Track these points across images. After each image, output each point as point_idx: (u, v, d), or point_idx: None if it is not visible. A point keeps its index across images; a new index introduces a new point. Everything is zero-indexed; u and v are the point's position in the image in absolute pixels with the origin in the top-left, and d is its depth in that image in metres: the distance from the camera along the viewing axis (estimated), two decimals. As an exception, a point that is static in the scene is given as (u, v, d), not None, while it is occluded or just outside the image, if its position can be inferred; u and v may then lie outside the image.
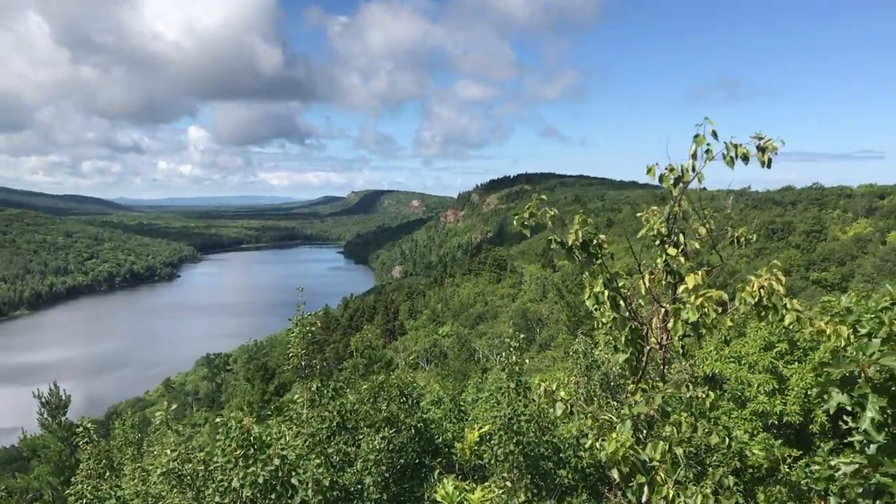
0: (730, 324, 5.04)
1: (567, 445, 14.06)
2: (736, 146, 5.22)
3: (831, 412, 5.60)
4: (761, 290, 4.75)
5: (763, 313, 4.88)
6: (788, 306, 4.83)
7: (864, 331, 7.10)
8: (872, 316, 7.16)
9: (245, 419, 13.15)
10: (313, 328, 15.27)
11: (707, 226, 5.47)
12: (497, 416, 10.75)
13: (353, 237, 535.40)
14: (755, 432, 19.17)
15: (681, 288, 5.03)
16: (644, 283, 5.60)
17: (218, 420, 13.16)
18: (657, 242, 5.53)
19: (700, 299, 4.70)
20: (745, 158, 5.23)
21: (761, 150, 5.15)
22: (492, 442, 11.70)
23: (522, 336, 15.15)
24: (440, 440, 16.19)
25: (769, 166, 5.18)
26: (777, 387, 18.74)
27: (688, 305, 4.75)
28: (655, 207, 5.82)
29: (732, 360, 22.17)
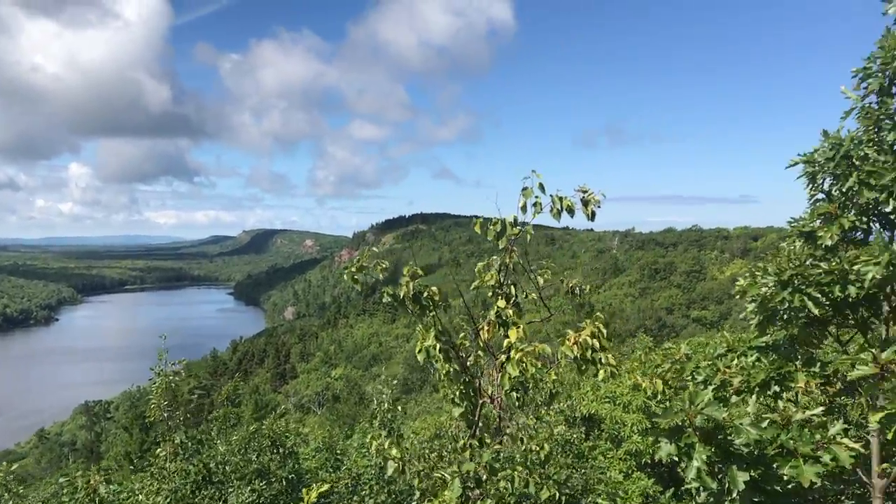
0: (553, 377, 5.00)
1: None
2: (561, 199, 5.25)
3: (664, 462, 5.65)
4: (576, 345, 4.74)
5: (583, 367, 4.87)
6: (603, 360, 4.83)
7: (700, 378, 7.30)
8: (709, 363, 7.38)
9: (94, 477, 12.25)
10: (176, 378, 14.59)
11: (533, 277, 5.45)
12: (346, 470, 10.42)
13: (243, 278, 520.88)
14: (630, 472, 19.46)
15: (505, 342, 4.97)
16: (483, 335, 5.52)
17: (63, 479, 12.21)
18: (490, 294, 5.47)
19: (520, 354, 4.64)
20: (571, 211, 5.26)
21: (585, 203, 5.20)
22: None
23: (414, 377, 14.88)
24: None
25: (593, 218, 5.24)
26: (650, 426, 19.08)
27: (510, 360, 4.67)
28: (495, 257, 5.78)
29: (608, 400, 22.58)
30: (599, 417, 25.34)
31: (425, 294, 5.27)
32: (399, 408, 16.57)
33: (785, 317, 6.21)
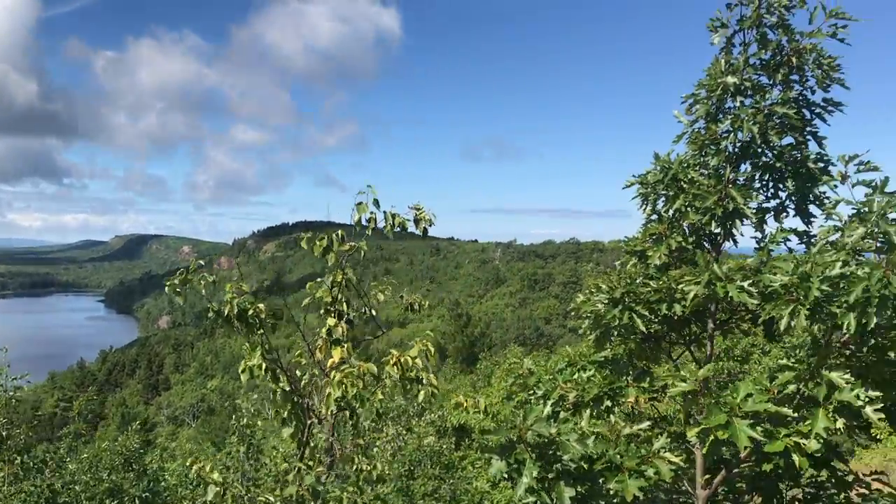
0: (381, 397, 4.91)
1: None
2: (394, 216, 5.18)
3: (496, 479, 5.66)
4: (397, 365, 4.68)
5: (409, 387, 4.81)
6: (425, 381, 4.79)
7: (540, 392, 7.42)
8: (550, 378, 7.50)
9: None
10: (17, 393, 13.65)
11: (364, 295, 5.36)
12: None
13: (115, 284, 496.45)
14: (497, 481, 19.64)
15: (329, 362, 4.84)
16: (317, 354, 5.36)
17: None
18: (321, 311, 5.33)
19: (341, 374, 4.52)
20: (404, 227, 5.20)
21: (416, 220, 5.15)
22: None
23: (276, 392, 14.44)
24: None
25: (426, 235, 5.21)
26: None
27: (331, 380, 4.55)
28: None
29: (477, 410, 22.71)
30: (470, 427, 25.64)
31: (251, 311, 5.06)
32: (259, 423, 16.11)
33: (615, 333, 6.39)
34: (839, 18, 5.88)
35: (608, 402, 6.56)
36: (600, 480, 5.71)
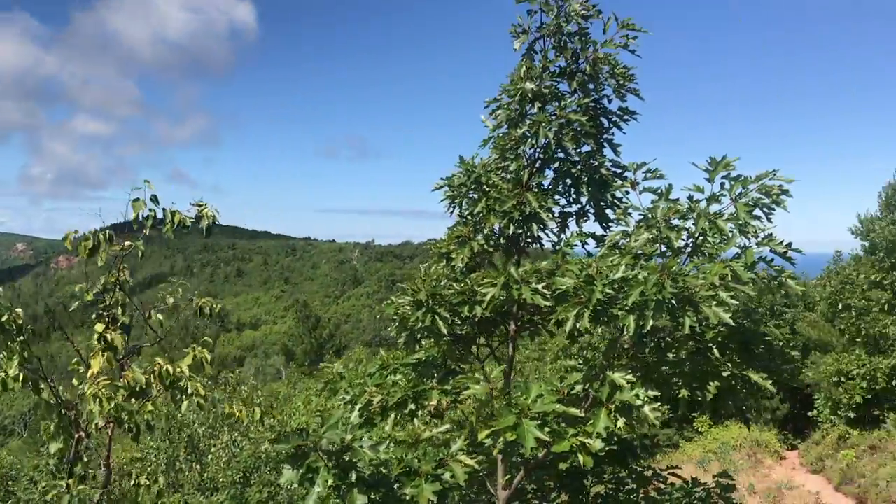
0: (151, 408, 4.58)
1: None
2: (174, 213, 4.86)
3: (289, 489, 5.47)
4: (153, 373, 4.38)
5: (178, 396, 4.51)
6: (190, 390, 4.51)
7: (348, 397, 7.27)
8: (360, 382, 7.37)
9: None
10: None
11: (137, 301, 5.00)
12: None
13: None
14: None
15: (89, 373, 4.46)
16: (98, 363, 4.92)
17: None
18: (94, 317, 4.92)
19: (96, 387, 4.16)
20: (185, 226, 4.89)
21: (198, 218, 4.86)
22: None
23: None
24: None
25: (208, 234, 4.93)
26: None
27: (86, 394, 4.18)
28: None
29: (318, 413, 22.40)
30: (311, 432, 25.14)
31: (5, 318, 4.58)
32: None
33: (419, 336, 6.34)
34: (630, 30, 6.10)
35: (412, 406, 6.50)
36: (396, 486, 5.63)
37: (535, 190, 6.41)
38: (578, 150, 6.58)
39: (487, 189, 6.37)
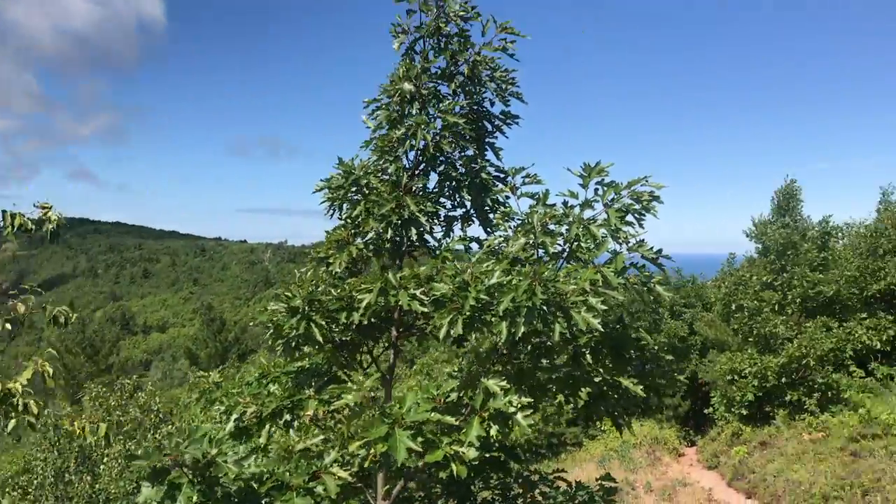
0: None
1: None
2: (13, 216, 4.51)
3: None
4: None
5: (10, 413, 4.17)
6: (20, 407, 4.19)
7: (222, 408, 6.99)
8: (237, 391, 7.09)
9: None
10: None
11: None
12: None
13: None
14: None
15: None
16: None
17: None
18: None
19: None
20: (27, 230, 4.54)
21: (40, 222, 4.53)
22: None
23: None
24: None
25: (53, 240, 4.60)
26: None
27: None
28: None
29: (217, 421, 21.74)
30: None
31: None
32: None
33: (294, 344, 6.11)
34: (508, 33, 6.05)
35: (287, 417, 6.27)
36: (266, 501, 5.41)
37: (415, 193, 6.29)
38: (463, 154, 6.50)
39: (367, 192, 6.21)
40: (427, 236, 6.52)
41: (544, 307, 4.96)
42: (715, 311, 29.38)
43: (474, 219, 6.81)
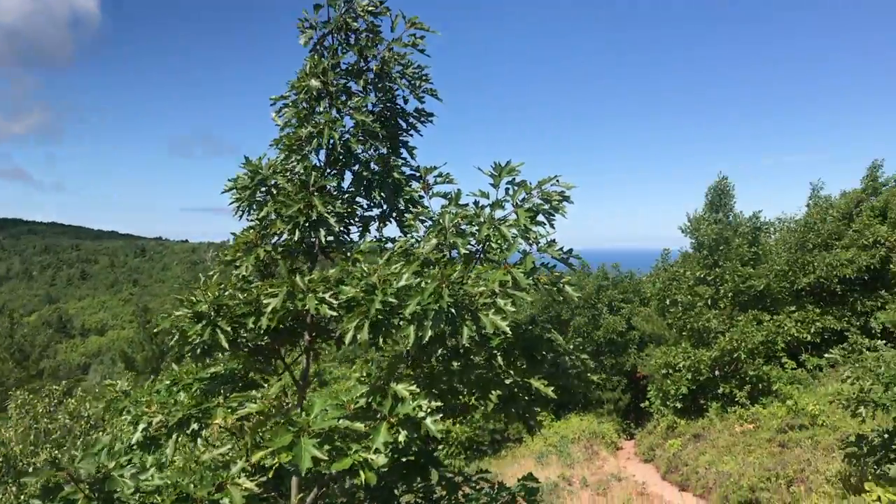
0: None
1: None
2: None
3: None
4: None
5: None
6: None
7: (129, 417, 6.71)
8: (143, 400, 6.81)
9: None
10: None
11: None
12: None
13: None
14: None
15: None
16: None
17: None
18: None
19: None
20: None
21: None
22: None
23: None
24: None
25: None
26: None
27: None
28: None
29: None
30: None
31: None
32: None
33: (199, 351, 5.87)
34: (417, 29, 5.92)
35: (195, 426, 6.04)
36: (167, 515, 5.18)
37: (328, 193, 6.11)
38: (378, 152, 6.35)
39: (275, 192, 6.01)
40: (343, 237, 6.36)
41: (452, 310, 4.85)
42: (651, 305, 29.83)
43: (391, 219, 6.66)
